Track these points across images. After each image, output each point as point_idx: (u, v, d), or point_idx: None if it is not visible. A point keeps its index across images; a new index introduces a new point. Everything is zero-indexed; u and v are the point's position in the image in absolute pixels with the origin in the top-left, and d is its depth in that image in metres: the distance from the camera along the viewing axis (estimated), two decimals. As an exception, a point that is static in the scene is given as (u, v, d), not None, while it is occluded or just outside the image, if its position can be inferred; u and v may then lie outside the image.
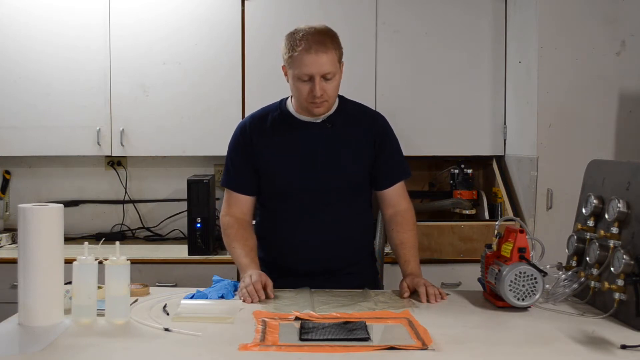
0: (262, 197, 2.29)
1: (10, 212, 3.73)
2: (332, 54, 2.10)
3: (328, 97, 2.14)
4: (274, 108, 2.28)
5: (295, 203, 2.21)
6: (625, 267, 1.75)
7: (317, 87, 2.09)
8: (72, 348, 1.57)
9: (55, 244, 1.74)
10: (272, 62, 3.46)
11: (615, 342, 1.60)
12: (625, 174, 1.89)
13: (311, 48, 2.07)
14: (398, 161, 2.30)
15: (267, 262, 2.26)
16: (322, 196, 2.20)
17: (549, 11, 3.13)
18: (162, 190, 3.78)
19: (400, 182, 2.30)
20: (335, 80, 2.14)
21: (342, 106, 2.27)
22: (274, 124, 2.24)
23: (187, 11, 3.46)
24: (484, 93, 3.53)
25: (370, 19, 3.46)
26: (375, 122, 2.29)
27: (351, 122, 2.25)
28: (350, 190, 2.23)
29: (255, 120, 2.27)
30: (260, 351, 1.54)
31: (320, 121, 2.21)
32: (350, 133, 2.23)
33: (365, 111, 2.32)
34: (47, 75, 3.44)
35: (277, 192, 2.24)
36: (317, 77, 2.09)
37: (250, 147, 2.23)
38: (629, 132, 3.15)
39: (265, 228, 2.30)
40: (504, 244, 1.98)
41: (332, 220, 2.21)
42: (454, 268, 3.19)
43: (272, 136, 2.22)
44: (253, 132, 2.24)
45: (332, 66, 2.10)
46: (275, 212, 2.26)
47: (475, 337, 1.68)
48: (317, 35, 2.09)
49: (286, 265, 2.24)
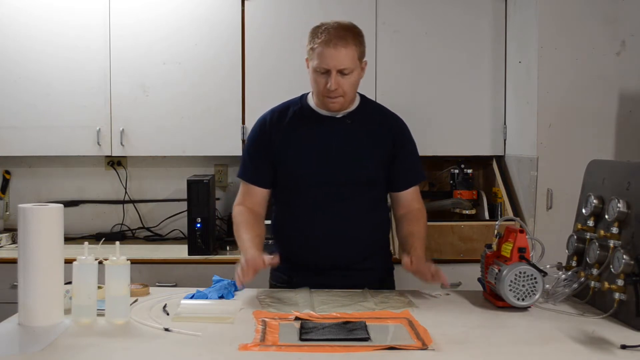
0: (278, 190, 2.29)
1: (10, 212, 3.73)
2: (351, 50, 2.11)
3: (344, 93, 2.15)
4: (295, 102, 2.29)
5: (309, 197, 2.21)
6: (625, 267, 1.75)
7: (332, 81, 2.10)
8: (72, 348, 1.57)
9: (55, 244, 1.74)
10: (272, 62, 3.47)
11: (615, 342, 1.60)
12: (625, 174, 1.89)
13: (331, 41, 2.09)
14: (414, 164, 2.31)
15: (282, 259, 2.26)
16: (336, 191, 2.20)
17: (549, 11, 3.13)
18: (162, 190, 3.78)
19: (415, 185, 2.31)
20: (352, 77, 2.14)
21: (363, 104, 2.28)
22: (293, 117, 2.25)
23: (187, 11, 3.46)
24: (484, 93, 3.53)
25: (370, 19, 3.46)
26: (395, 123, 2.30)
27: (371, 120, 2.26)
28: (364, 187, 2.23)
29: (275, 114, 2.28)
30: (260, 351, 1.54)
31: (340, 117, 2.22)
32: (369, 131, 2.24)
33: (385, 112, 2.33)
34: (47, 75, 3.44)
35: (292, 185, 2.24)
36: (333, 71, 2.10)
37: (269, 141, 2.24)
38: (629, 132, 3.15)
39: (280, 223, 2.30)
40: (504, 244, 1.98)
41: (346, 215, 2.21)
42: (454, 268, 3.19)
43: (290, 130, 2.23)
44: (272, 126, 2.25)
45: (350, 62, 2.11)
46: (290, 206, 2.26)
47: (475, 337, 1.68)
48: (339, 30, 2.11)
49: (300, 260, 2.24)
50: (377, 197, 2.28)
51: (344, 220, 2.20)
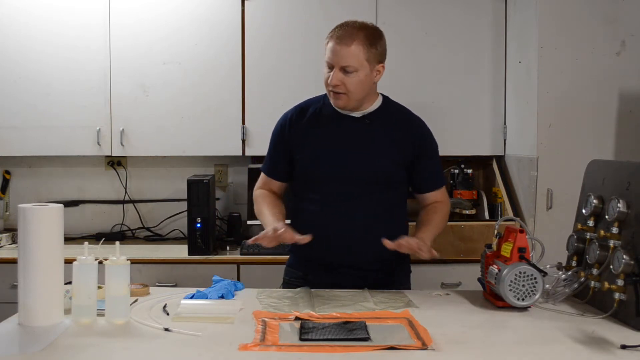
0: (295, 185, 2.32)
1: (10, 212, 3.72)
2: (357, 50, 2.12)
3: (347, 91, 2.16)
4: (318, 100, 2.32)
5: (323, 194, 2.22)
6: (625, 267, 1.76)
7: (332, 76, 2.13)
8: (72, 348, 1.57)
9: (55, 244, 1.74)
10: (272, 62, 3.47)
11: (615, 342, 1.60)
12: (625, 174, 1.89)
13: (338, 38, 2.13)
14: (435, 170, 2.33)
15: (298, 256, 2.31)
16: (349, 189, 2.20)
17: (549, 11, 3.13)
18: (162, 190, 3.78)
19: (442, 188, 2.33)
20: (357, 77, 2.15)
21: (384, 105, 2.29)
22: (313, 115, 2.27)
23: (187, 11, 3.46)
24: (484, 93, 3.53)
25: (370, 19, 3.46)
26: (417, 125, 2.30)
27: (391, 121, 2.26)
28: (379, 187, 2.23)
29: (297, 111, 2.31)
30: (260, 351, 1.54)
31: (359, 116, 2.24)
32: (388, 132, 2.24)
33: (407, 113, 2.33)
34: (47, 75, 3.44)
35: (308, 181, 2.26)
36: (335, 67, 2.13)
37: (287, 138, 2.28)
38: (629, 132, 3.15)
39: (296, 218, 2.31)
40: (504, 244, 1.98)
41: (358, 214, 2.20)
42: (454, 268, 3.19)
43: (309, 127, 2.26)
44: (293, 123, 2.28)
45: (355, 61, 2.12)
46: (305, 201, 2.27)
47: (475, 337, 1.68)
48: (353, 29, 2.14)
49: (315, 258, 2.24)
50: (394, 198, 2.27)
51: (356, 219, 2.20)
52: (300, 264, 2.29)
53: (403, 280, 2.33)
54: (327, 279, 2.19)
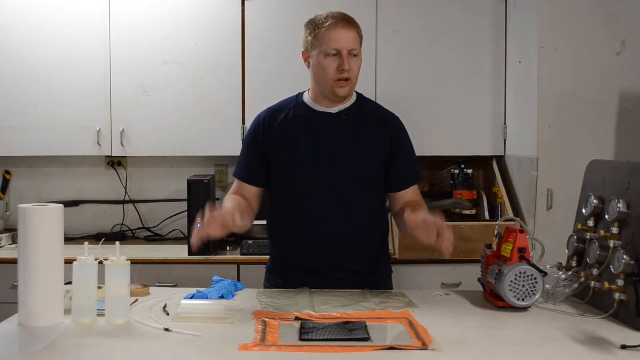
0: (272, 189, 2.28)
1: (10, 212, 3.73)
2: (356, 33, 2.17)
3: (352, 76, 2.16)
4: (290, 100, 2.30)
5: (302, 194, 2.20)
6: (625, 267, 1.75)
7: (345, 61, 2.12)
8: (72, 348, 1.57)
9: (55, 244, 1.74)
10: (272, 62, 3.47)
11: (615, 342, 1.60)
12: (625, 174, 1.89)
13: (339, 23, 2.14)
14: (412, 164, 2.29)
15: (278, 261, 2.29)
16: (328, 187, 2.18)
17: (549, 11, 3.13)
18: (162, 190, 3.78)
19: (414, 185, 2.29)
20: (359, 61, 2.18)
21: (359, 101, 2.27)
22: (287, 116, 2.25)
23: (187, 11, 3.47)
24: (484, 93, 3.53)
25: (370, 19, 3.46)
26: (392, 122, 2.28)
27: (366, 117, 2.25)
28: (358, 184, 2.21)
29: (270, 112, 2.29)
30: (260, 351, 1.54)
31: (335, 112, 2.22)
32: (364, 127, 2.22)
33: (382, 110, 2.32)
34: (47, 75, 3.44)
35: (285, 183, 2.24)
36: (344, 51, 2.13)
37: (262, 140, 2.24)
38: (629, 132, 3.15)
39: (274, 222, 2.29)
40: (504, 244, 1.98)
41: (339, 213, 2.19)
42: (454, 268, 3.19)
43: (283, 129, 2.23)
44: (266, 125, 2.25)
45: (357, 44, 2.17)
46: (284, 204, 2.25)
47: (475, 337, 1.68)
48: (343, 14, 2.18)
49: (295, 260, 2.23)
50: (373, 197, 2.26)
51: (337, 218, 2.18)
52: (280, 270, 2.26)
53: (386, 281, 2.32)
54: (307, 283, 2.16)
